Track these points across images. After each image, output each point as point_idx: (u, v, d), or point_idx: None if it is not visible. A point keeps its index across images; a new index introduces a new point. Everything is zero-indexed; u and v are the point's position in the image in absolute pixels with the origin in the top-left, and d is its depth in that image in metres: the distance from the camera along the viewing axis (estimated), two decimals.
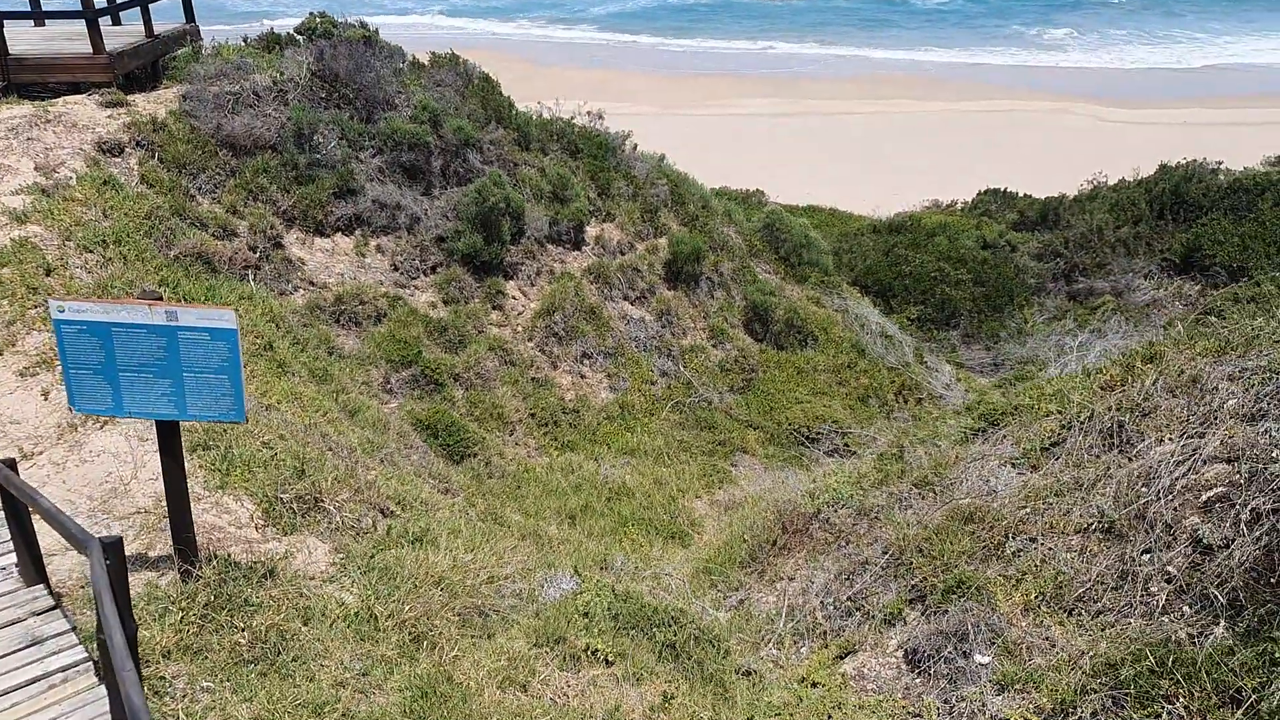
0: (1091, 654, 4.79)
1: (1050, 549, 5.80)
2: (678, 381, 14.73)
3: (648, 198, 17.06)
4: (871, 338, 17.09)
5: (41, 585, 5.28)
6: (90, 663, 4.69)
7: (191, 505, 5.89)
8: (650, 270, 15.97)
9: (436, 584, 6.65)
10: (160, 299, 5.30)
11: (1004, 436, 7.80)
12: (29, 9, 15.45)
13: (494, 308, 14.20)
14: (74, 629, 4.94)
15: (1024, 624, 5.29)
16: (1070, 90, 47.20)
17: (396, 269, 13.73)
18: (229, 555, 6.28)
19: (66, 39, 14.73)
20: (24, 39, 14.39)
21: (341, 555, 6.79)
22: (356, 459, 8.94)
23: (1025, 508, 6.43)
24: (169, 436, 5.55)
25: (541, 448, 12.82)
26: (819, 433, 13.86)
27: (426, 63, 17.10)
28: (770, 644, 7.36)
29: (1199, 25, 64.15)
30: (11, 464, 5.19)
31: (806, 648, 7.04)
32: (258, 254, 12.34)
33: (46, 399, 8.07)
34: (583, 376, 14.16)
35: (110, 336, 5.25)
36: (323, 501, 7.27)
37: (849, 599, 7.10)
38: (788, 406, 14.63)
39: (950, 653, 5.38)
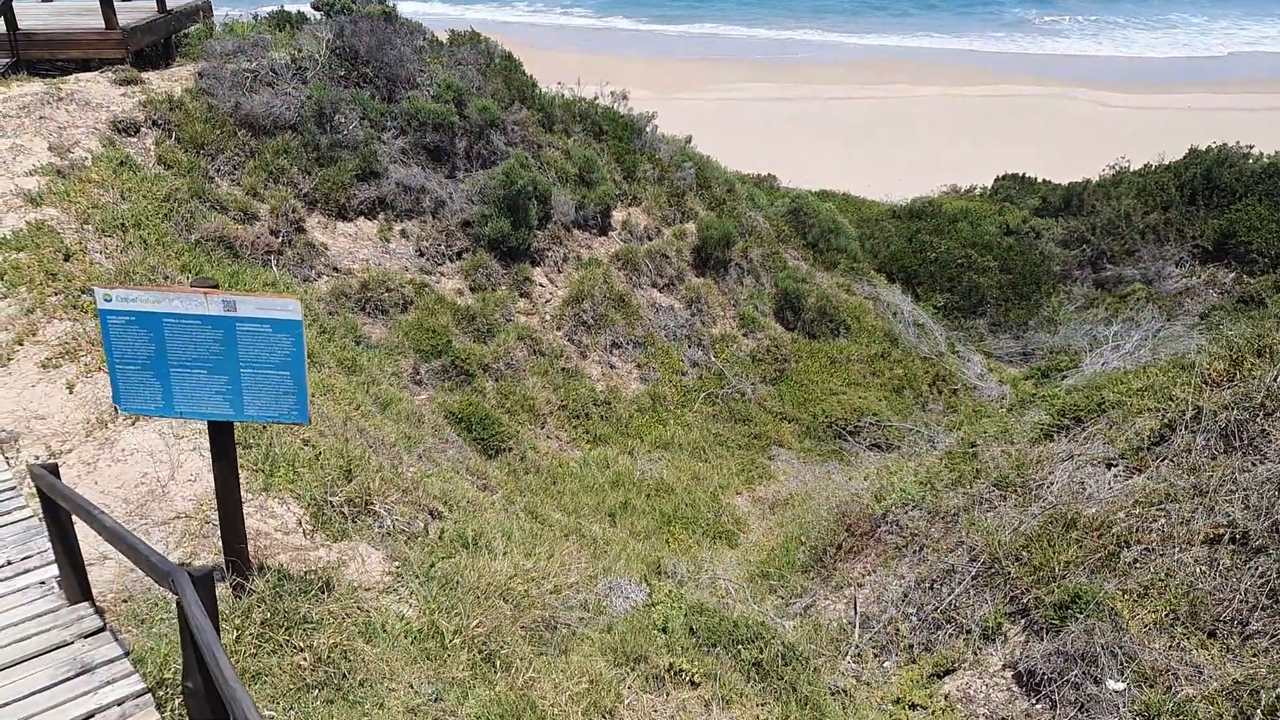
0: (1250, 685, 4.36)
1: (1175, 561, 5.36)
2: (709, 372, 14.27)
3: (674, 181, 16.55)
4: (904, 326, 16.63)
5: (86, 603, 4.81)
6: (149, 694, 4.22)
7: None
8: (679, 256, 15.48)
9: (500, 595, 6.20)
10: (216, 286, 4.81)
11: (1091, 435, 7.35)
12: None
13: (521, 295, 13.71)
14: (127, 654, 4.47)
15: (1159, 647, 4.85)
16: (1069, 75, 46.67)
17: (422, 254, 13.22)
18: (280, 565, 5.82)
19: (76, 14, 14.14)
20: (33, 14, 13.81)
21: (397, 563, 6.33)
22: (398, 456, 8.47)
23: (1135, 514, 5.98)
24: (222, 439, 5.07)
25: (573, 440, 12.37)
26: (857, 426, 13.42)
27: (445, 41, 16.52)
28: (848, 657, 6.92)
29: (1198, 10, 63.57)
30: (53, 469, 4.72)
31: (891, 663, 6.60)
32: (280, 238, 11.82)
33: (72, 393, 7.58)
34: (612, 367, 13.69)
35: (161, 328, 4.76)
36: (373, 504, 6.81)
37: (936, 610, 6.66)
38: (823, 398, 14.18)
39: (1077, 677, 4.95)
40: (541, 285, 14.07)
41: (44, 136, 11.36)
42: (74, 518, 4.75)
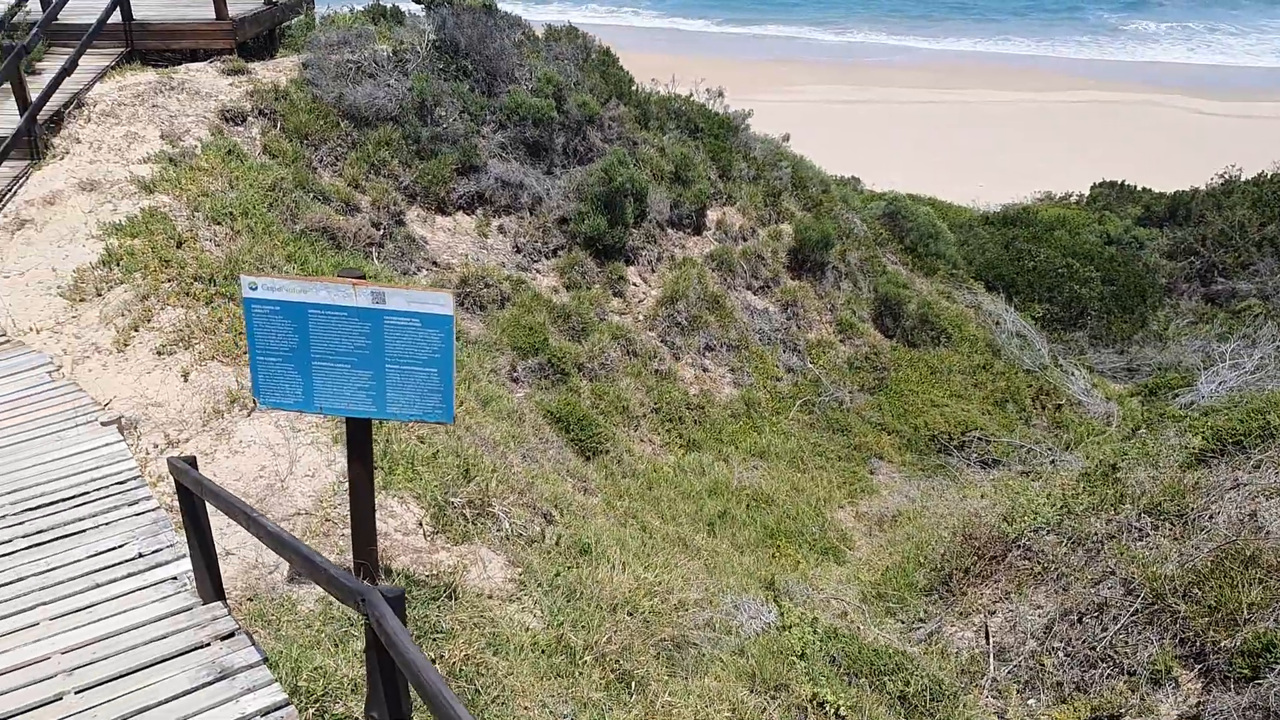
0: None
1: None
2: (805, 379, 13.83)
3: (770, 181, 16.13)
4: (1005, 337, 15.96)
5: (219, 602, 4.63)
6: (291, 706, 4.01)
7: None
8: (774, 258, 15.06)
9: (625, 609, 5.91)
10: (363, 277, 4.60)
11: (1261, 463, 6.77)
12: None
13: (615, 294, 13.44)
14: (265, 660, 4.27)
15: None
16: (1162, 82, 44.70)
17: (519, 250, 13.05)
18: (405, 569, 5.61)
19: (187, 5, 14.30)
20: (146, 4, 13.97)
21: (519, 570, 6.08)
22: (504, 456, 8.26)
23: None
24: (360, 437, 4.86)
25: (666, 445, 12.05)
26: (963, 440, 12.85)
27: (542, 35, 16.35)
28: (987, 691, 6.47)
29: None
30: (192, 461, 4.55)
31: (1038, 701, 6.13)
32: (381, 231, 11.74)
33: (187, 381, 7.51)
34: (705, 370, 13.34)
35: (306, 319, 4.56)
36: (491, 506, 6.57)
37: (1088, 646, 6.16)
38: (924, 410, 13.63)
39: None
40: (635, 284, 13.79)
41: (156, 125, 11.45)
42: (208, 511, 4.59)
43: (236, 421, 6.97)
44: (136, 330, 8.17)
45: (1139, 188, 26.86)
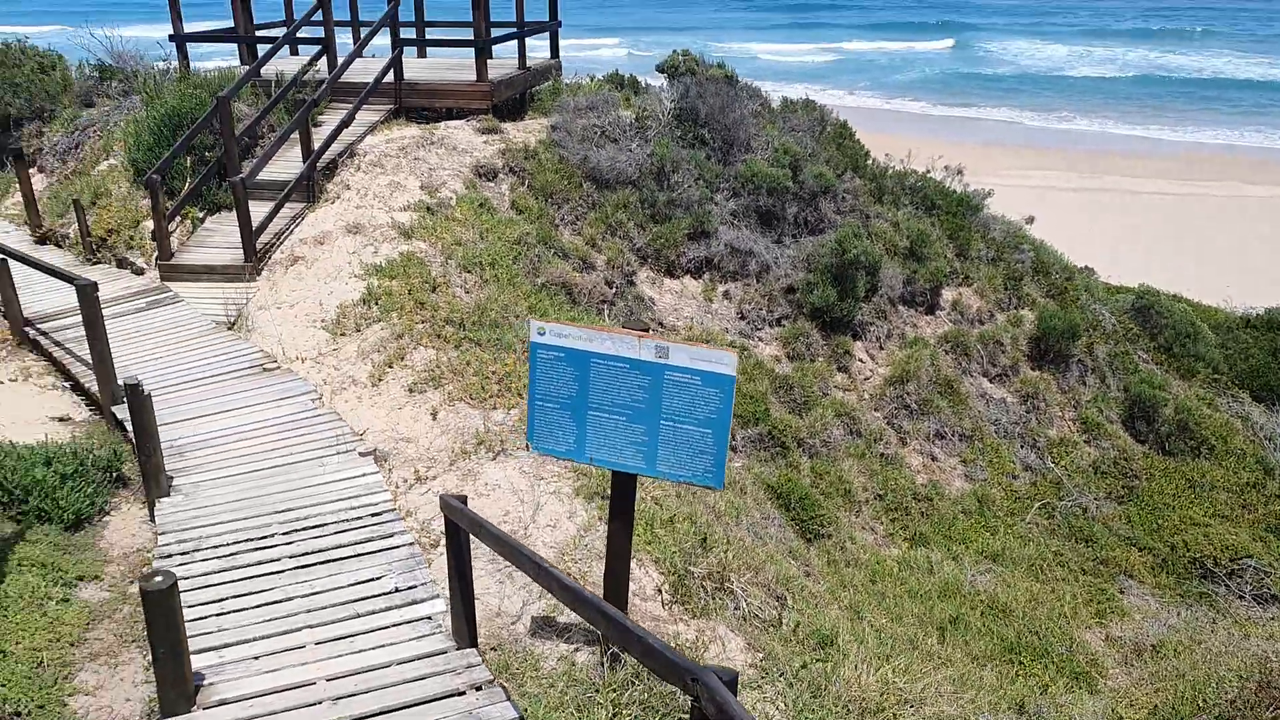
0: None
1: None
2: (1044, 479, 12.64)
3: (1010, 263, 15.18)
4: None
5: (473, 649, 4.48)
6: None
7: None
8: (1013, 345, 14.04)
9: (876, 716, 5.31)
10: (648, 330, 4.42)
11: None
12: (415, 38, 16.32)
13: (840, 369, 12.90)
14: (522, 718, 4.04)
15: None
16: None
17: (743, 317, 12.82)
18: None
19: (448, 69, 15.35)
20: (410, 67, 15.10)
21: (760, 655, 5.63)
22: (729, 527, 7.88)
23: None
24: (624, 492, 4.64)
25: (890, 535, 11.26)
26: (1233, 568, 11.24)
27: (777, 107, 16.35)
28: None
29: None
30: (463, 499, 4.46)
31: None
32: (613, 289, 11.86)
33: (435, 420, 7.66)
34: (934, 459, 12.47)
35: (588, 368, 4.42)
36: (730, 582, 6.19)
37: None
38: (1182, 528, 12.08)
39: None
40: (861, 360, 13.20)
41: (417, 176, 12.18)
42: (472, 554, 4.47)
43: (483, 463, 6.99)
44: (390, 366, 8.50)
45: None
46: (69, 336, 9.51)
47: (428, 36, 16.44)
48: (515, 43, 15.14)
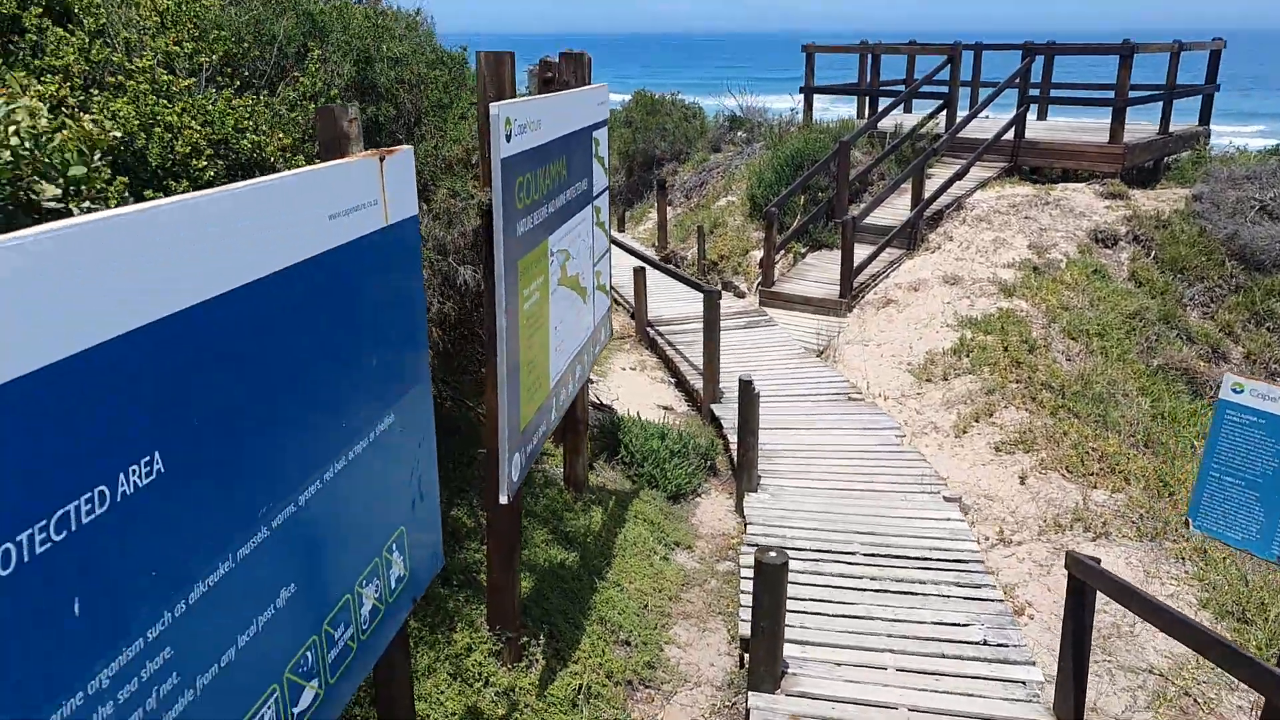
0: None
1: None
2: None
3: None
4: None
5: None
6: None
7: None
8: None
9: None
10: None
11: None
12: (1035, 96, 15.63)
13: None
14: None
15: None
16: None
17: None
18: None
19: (1069, 130, 14.43)
20: (1029, 127, 14.47)
21: None
22: None
23: None
24: None
25: None
26: None
27: None
28: None
29: None
30: (1096, 561, 3.86)
31: None
32: None
33: (1023, 484, 7.01)
34: None
35: None
36: None
37: None
38: None
39: None
40: None
41: (1025, 235, 11.54)
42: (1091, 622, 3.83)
43: (1079, 541, 6.19)
44: (976, 420, 8.04)
45: None
46: (678, 340, 10.74)
47: (1052, 95, 15.66)
48: (1155, 106, 13.66)
